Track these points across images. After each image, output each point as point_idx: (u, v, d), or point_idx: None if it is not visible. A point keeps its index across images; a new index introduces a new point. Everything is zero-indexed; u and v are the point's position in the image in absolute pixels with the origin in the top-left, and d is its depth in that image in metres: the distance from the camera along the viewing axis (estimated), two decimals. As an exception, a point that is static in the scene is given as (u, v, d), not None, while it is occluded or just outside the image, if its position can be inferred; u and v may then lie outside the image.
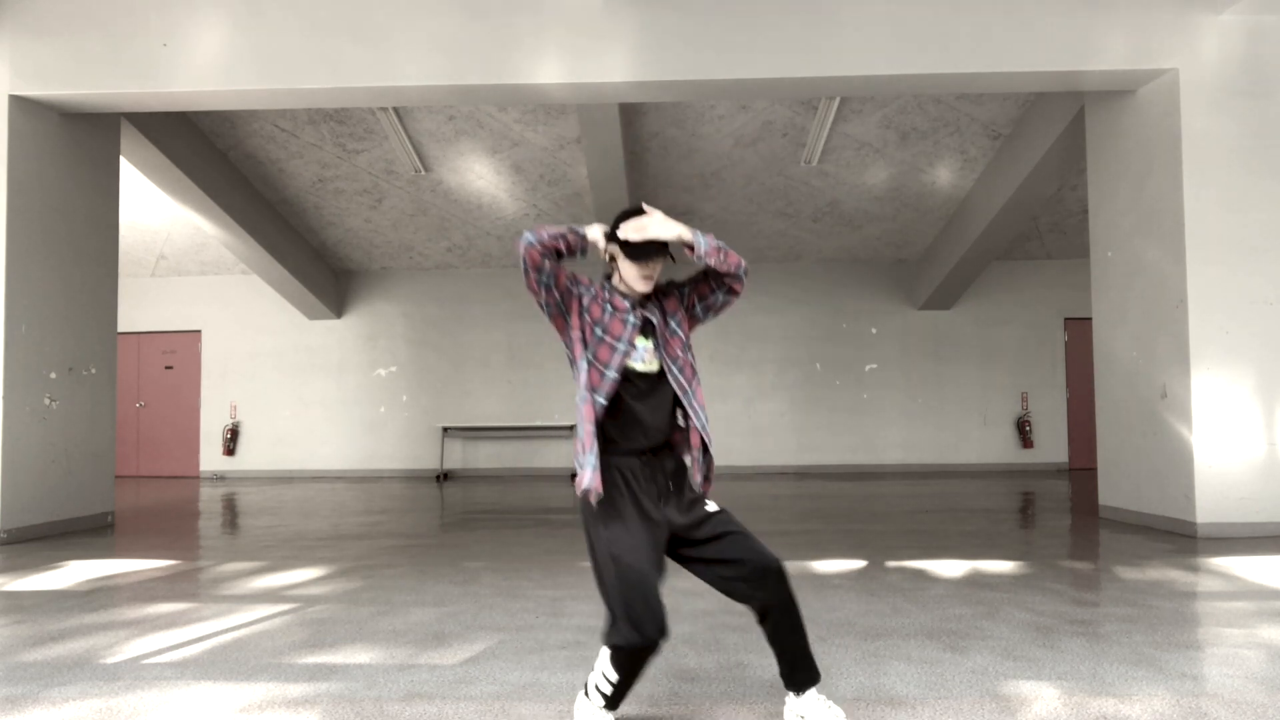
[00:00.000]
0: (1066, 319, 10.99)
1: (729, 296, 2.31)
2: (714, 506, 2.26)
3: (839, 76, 5.73)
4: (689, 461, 2.30)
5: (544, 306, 2.20)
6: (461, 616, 3.56)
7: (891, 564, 4.63)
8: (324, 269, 11.00)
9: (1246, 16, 5.68)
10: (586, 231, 2.19)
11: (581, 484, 2.11)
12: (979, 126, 8.21)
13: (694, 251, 2.18)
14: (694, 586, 4.11)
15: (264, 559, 5.01)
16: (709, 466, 2.27)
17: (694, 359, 2.31)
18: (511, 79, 5.76)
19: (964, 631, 3.23)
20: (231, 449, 11.23)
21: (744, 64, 5.70)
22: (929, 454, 10.88)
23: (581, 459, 2.13)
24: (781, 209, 9.77)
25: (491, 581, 4.28)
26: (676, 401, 2.26)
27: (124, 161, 8.03)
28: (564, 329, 2.24)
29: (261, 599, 3.94)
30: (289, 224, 10.13)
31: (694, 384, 2.26)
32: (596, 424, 2.15)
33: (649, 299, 2.29)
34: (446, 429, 11.00)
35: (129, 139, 7.40)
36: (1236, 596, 3.81)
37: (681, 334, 2.29)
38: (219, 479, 11.05)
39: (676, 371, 2.23)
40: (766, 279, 11.11)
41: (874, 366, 11.01)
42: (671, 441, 2.28)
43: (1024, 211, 8.68)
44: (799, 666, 2.22)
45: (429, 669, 2.84)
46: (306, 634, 3.31)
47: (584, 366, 2.17)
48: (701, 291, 2.32)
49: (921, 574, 4.35)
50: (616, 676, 2.14)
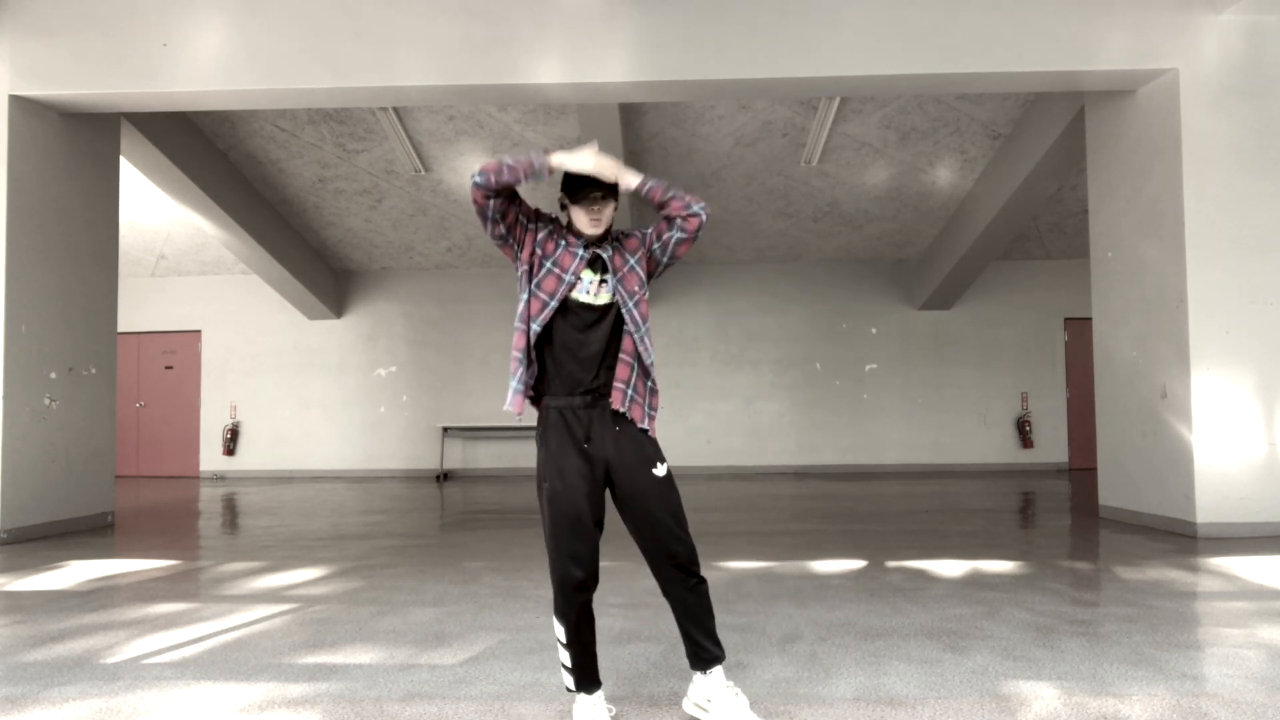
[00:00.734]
0: (1066, 319, 10.99)
1: (683, 235, 2.34)
2: (661, 471, 2.28)
3: (839, 76, 5.73)
4: (626, 402, 2.27)
5: (492, 237, 2.27)
6: (461, 616, 3.56)
7: (891, 564, 4.63)
8: (324, 269, 11.00)
9: (1246, 16, 5.68)
10: (548, 159, 2.19)
11: (504, 405, 2.32)
12: (979, 126, 8.21)
13: (640, 191, 2.25)
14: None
15: (264, 559, 5.01)
16: (653, 402, 2.33)
17: (647, 299, 2.36)
18: (511, 79, 5.76)
19: (964, 631, 3.23)
20: (231, 449, 11.23)
21: (744, 64, 5.70)
22: (929, 454, 10.88)
23: (510, 384, 2.28)
24: (781, 209, 9.77)
25: (491, 581, 4.28)
26: (614, 342, 2.29)
27: (124, 161, 8.03)
28: (513, 260, 2.31)
29: (261, 599, 3.94)
30: (289, 224, 10.13)
31: (637, 311, 2.30)
32: (527, 353, 2.24)
33: (605, 241, 2.33)
34: (446, 429, 11.00)
35: (129, 139, 7.40)
36: (1236, 596, 3.81)
37: (640, 271, 2.34)
38: (219, 479, 11.05)
39: (632, 305, 2.28)
40: (766, 279, 11.11)
41: (874, 366, 11.01)
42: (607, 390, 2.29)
43: (1024, 211, 8.68)
44: (703, 644, 2.28)
45: (429, 669, 2.84)
46: (306, 634, 3.31)
47: (524, 298, 2.26)
48: (659, 230, 2.37)
49: (921, 574, 4.35)
50: (563, 635, 2.22)
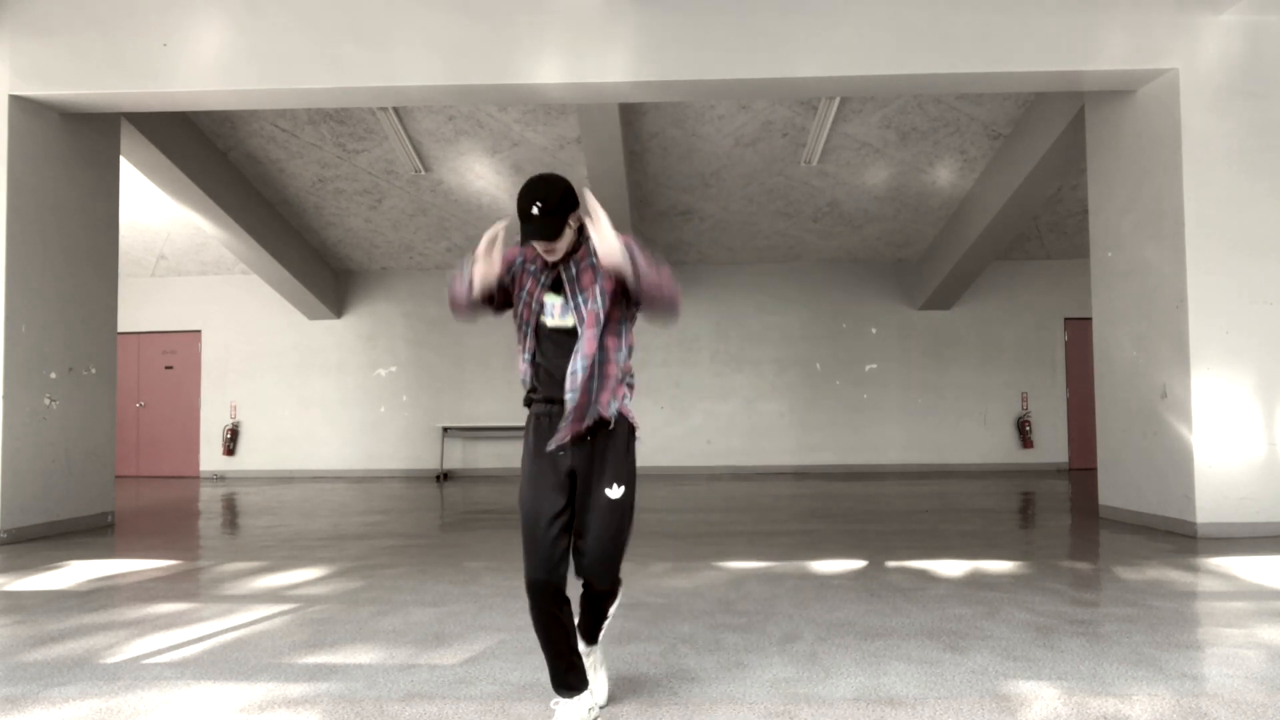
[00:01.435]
0: (1066, 319, 10.99)
1: (638, 309, 2.29)
2: (616, 494, 2.24)
3: (839, 76, 5.73)
4: (586, 415, 2.24)
5: (499, 311, 2.38)
6: (461, 616, 3.56)
7: (891, 564, 4.63)
8: (324, 269, 11.00)
9: (1246, 16, 5.68)
10: (474, 273, 2.23)
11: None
12: (979, 126, 8.21)
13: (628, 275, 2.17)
14: (694, 586, 4.12)
15: (264, 559, 5.01)
16: (617, 391, 2.26)
17: (606, 310, 2.23)
18: (511, 79, 5.76)
19: (964, 631, 3.23)
20: (231, 449, 11.23)
21: (744, 64, 5.70)
22: (929, 454, 10.88)
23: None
24: (781, 209, 9.77)
25: (491, 581, 4.28)
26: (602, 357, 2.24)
27: (124, 161, 8.02)
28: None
29: (261, 599, 3.94)
30: (289, 224, 10.12)
31: (596, 331, 2.20)
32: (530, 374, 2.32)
33: (571, 258, 2.27)
34: (446, 429, 11.00)
35: (129, 139, 7.40)
36: (1236, 596, 3.81)
37: (607, 285, 2.23)
38: (219, 479, 11.05)
39: (589, 318, 2.20)
40: (766, 279, 11.11)
41: (874, 366, 11.01)
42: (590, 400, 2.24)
43: (1024, 211, 8.68)
44: (585, 626, 2.46)
45: (429, 669, 2.84)
46: (306, 634, 3.31)
47: (516, 334, 2.34)
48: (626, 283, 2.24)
49: (921, 574, 4.35)
50: (536, 635, 2.27)
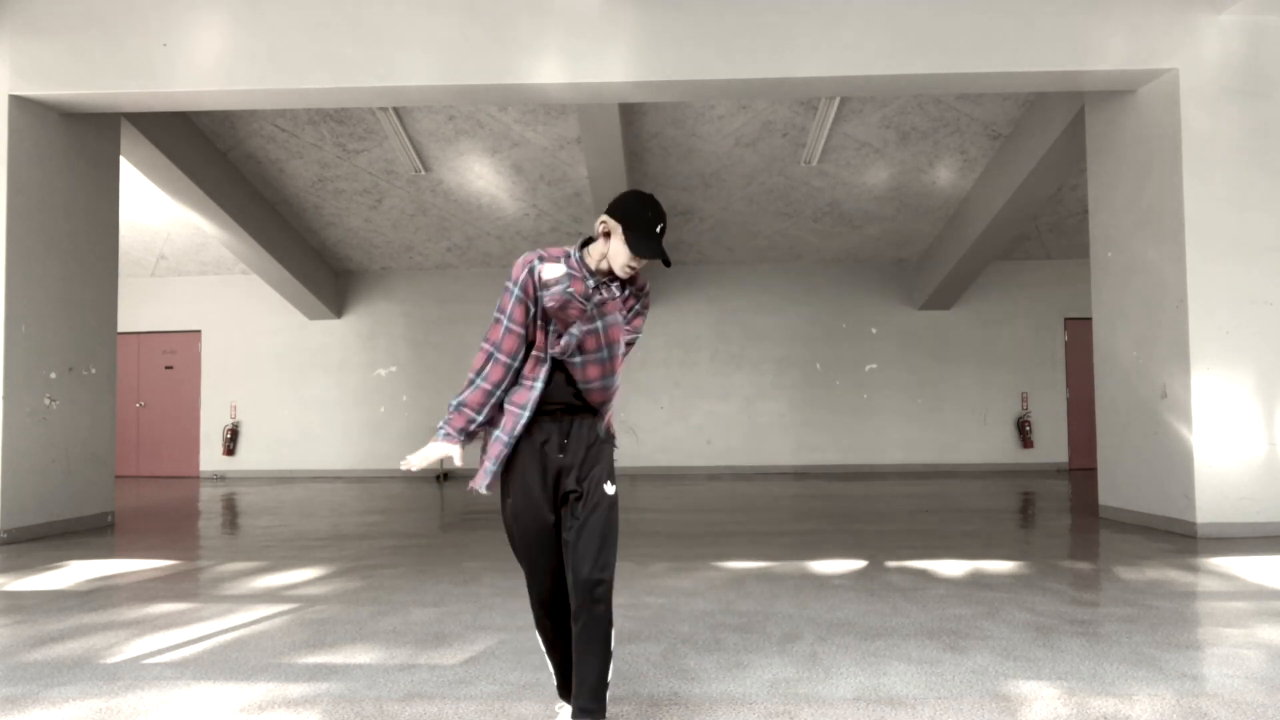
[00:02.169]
0: (1066, 319, 10.99)
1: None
2: (610, 489, 2.17)
3: (839, 76, 5.73)
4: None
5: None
6: (461, 616, 3.56)
7: (891, 564, 4.63)
8: (324, 269, 11.00)
9: (1246, 16, 5.68)
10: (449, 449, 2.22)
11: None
12: (979, 126, 8.21)
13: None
14: (694, 586, 4.12)
15: (264, 559, 5.01)
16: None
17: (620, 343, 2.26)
18: (511, 79, 5.76)
19: (964, 631, 3.23)
20: (231, 449, 11.23)
21: (744, 64, 5.70)
22: (929, 454, 10.88)
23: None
24: (781, 209, 9.77)
25: (491, 581, 4.28)
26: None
27: (124, 161, 8.02)
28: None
29: (261, 599, 3.94)
30: (289, 224, 10.12)
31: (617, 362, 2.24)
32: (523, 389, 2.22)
33: (608, 282, 2.19)
34: (446, 429, 10.98)
35: (129, 139, 7.40)
36: (1236, 596, 3.81)
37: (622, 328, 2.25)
38: (219, 479, 11.05)
39: (611, 354, 2.21)
40: (766, 279, 11.11)
41: (874, 366, 11.01)
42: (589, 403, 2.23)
43: (1024, 211, 8.68)
44: (579, 693, 2.06)
45: (429, 669, 2.84)
46: (306, 634, 3.31)
47: (522, 353, 2.20)
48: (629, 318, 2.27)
49: (921, 574, 4.35)
50: (540, 640, 2.26)
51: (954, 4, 5.66)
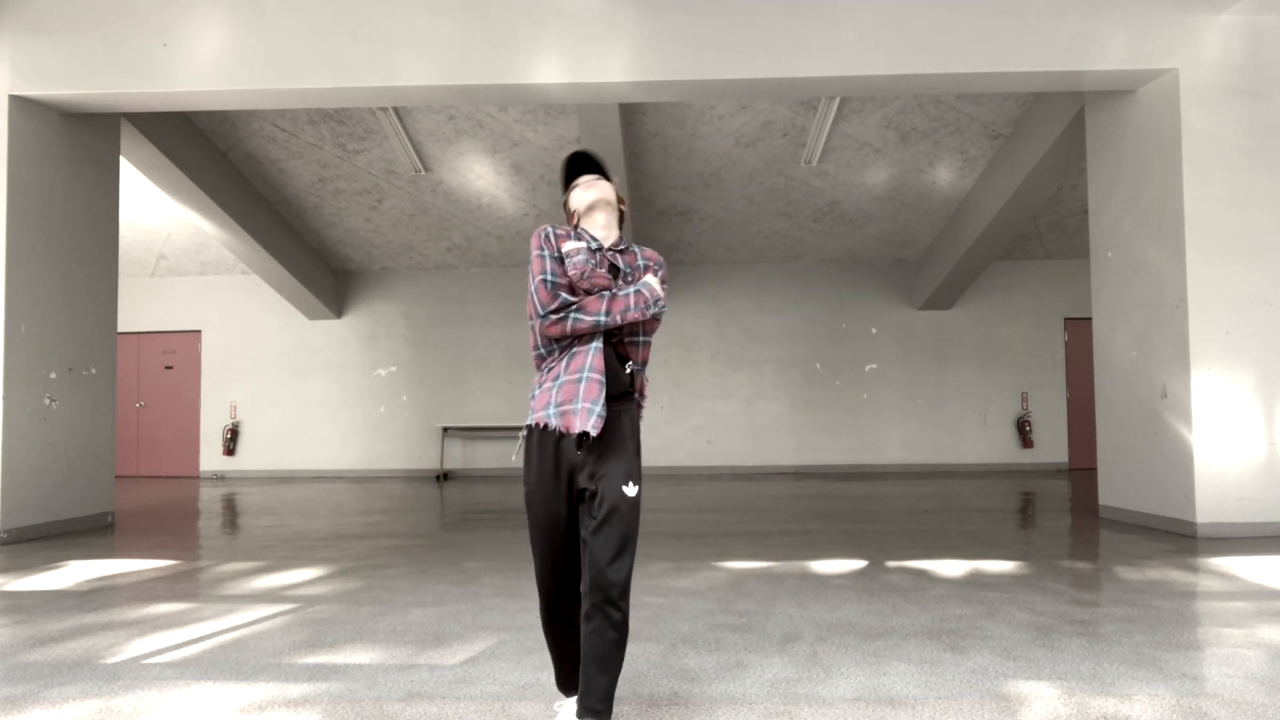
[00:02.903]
0: (1066, 319, 10.99)
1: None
2: (631, 490, 2.12)
3: (839, 76, 5.73)
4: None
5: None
6: (461, 616, 3.56)
7: (891, 564, 4.63)
8: (324, 269, 11.00)
9: (1246, 16, 5.68)
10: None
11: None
12: (979, 126, 8.21)
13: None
14: (694, 586, 4.12)
15: (264, 559, 5.01)
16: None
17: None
18: (511, 79, 5.76)
19: (964, 631, 3.23)
20: (231, 449, 11.23)
21: (744, 64, 5.71)
22: (929, 454, 10.88)
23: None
24: (781, 209, 9.77)
25: (491, 581, 4.28)
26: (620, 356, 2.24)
27: (124, 161, 8.03)
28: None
29: (261, 599, 3.94)
30: (289, 224, 10.13)
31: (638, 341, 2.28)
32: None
33: (616, 246, 2.26)
34: (446, 429, 11.00)
35: (129, 139, 7.40)
36: (1236, 596, 3.81)
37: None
38: (219, 479, 11.05)
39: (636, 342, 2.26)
40: (766, 279, 11.11)
41: (874, 366, 11.01)
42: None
43: (1024, 211, 8.68)
44: (588, 692, 2.01)
45: (429, 669, 2.84)
46: (306, 634, 3.31)
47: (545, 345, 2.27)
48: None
49: (921, 574, 4.35)
50: (546, 639, 2.27)
51: (954, 4, 5.66)
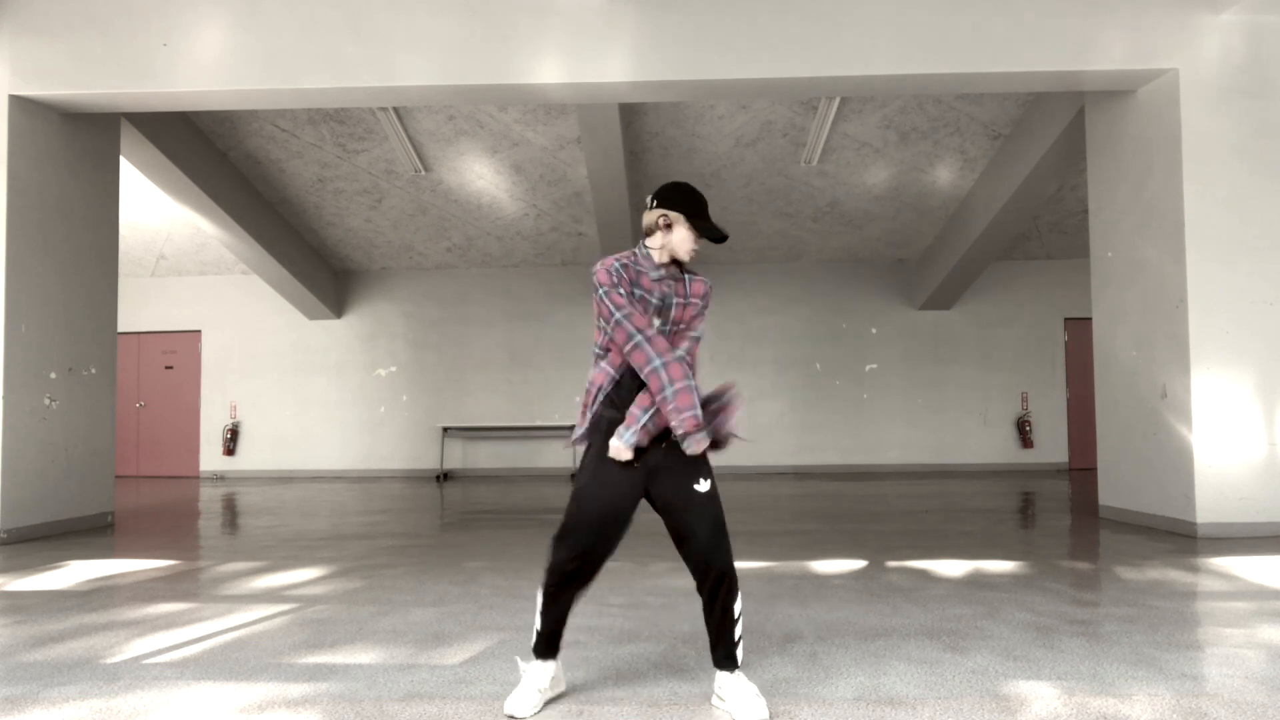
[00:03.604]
0: (1066, 319, 10.99)
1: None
2: (704, 486, 2.37)
3: (839, 76, 5.73)
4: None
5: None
6: (461, 616, 3.56)
7: (891, 564, 4.63)
8: (324, 269, 11.00)
9: (1246, 16, 5.68)
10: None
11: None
12: (979, 126, 8.21)
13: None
14: (693, 586, 4.11)
15: (264, 559, 5.01)
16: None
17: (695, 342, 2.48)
18: (511, 79, 5.76)
19: (964, 631, 3.23)
20: (231, 449, 11.23)
21: (744, 64, 5.70)
22: (929, 454, 10.88)
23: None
24: (781, 209, 9.77)
25: (491, 581, 4.28)
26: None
27: (124, 161, 8.02)
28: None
29: (261, 599, 3.94)
30: (289, 224, 10.13)
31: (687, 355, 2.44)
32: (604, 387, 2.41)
33: (671, 272, 2.43)
34: (446, 429, 11.00)
35: (129, 139, 7.40)
36: (1236, 596, 3.81)
37: (697, 322, 2.49)
38: (219, 479, 11.05)
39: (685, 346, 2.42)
40: (766, 279, 11.12)
41: (874, 366, 11.01)
42: None
43: (1024, 211, 8.68)
44: (718, 646, 2.38)
45: (429, 669, 2.84)
46: (306, 634, 3.31)
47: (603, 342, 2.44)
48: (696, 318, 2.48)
49: (921, 574, 4.35)
50: (541, 602, 2.41)
51: (954, 4, 5.66)
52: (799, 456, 10.94)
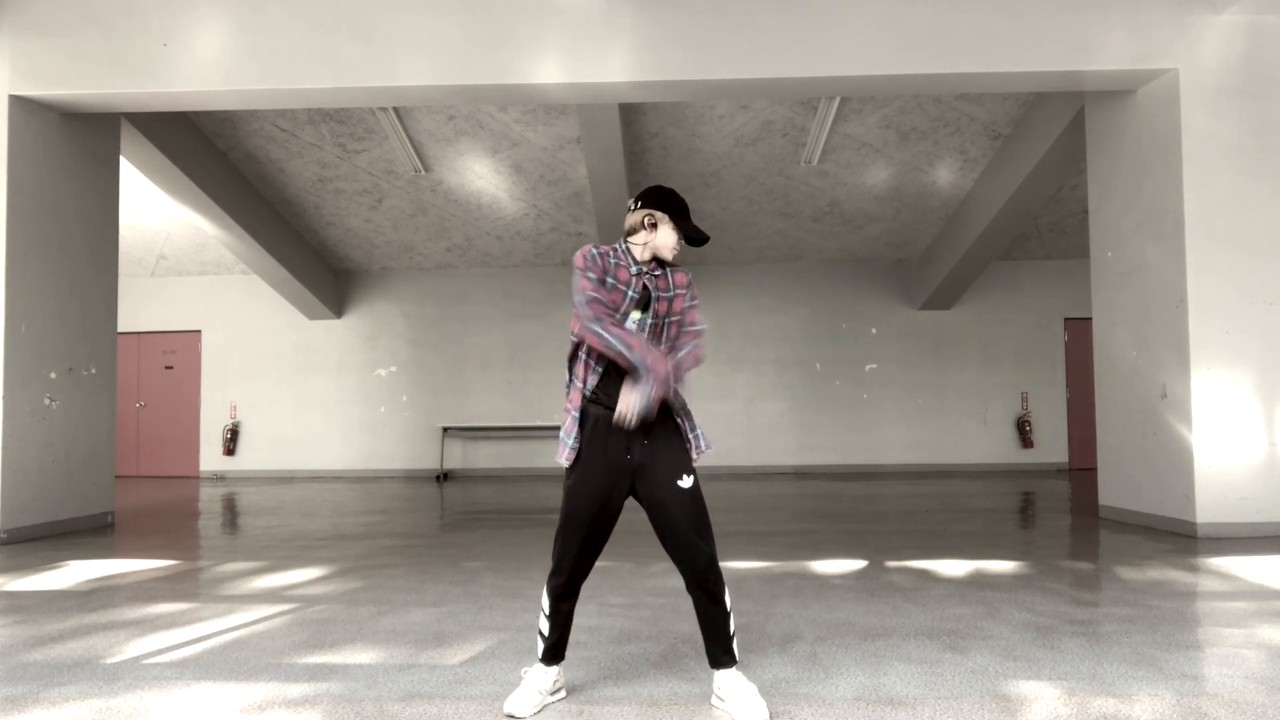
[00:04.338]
0: (1066, 319, 10.99)
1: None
2: (686, 483, 2.42)
3: (839, 76, 5.73)
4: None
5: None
6: (461, 616, 3.56)
7: (891, 564, 4.63)
8: (324, 269, 11.00)
9: (1246, 16, 5.68)
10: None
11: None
12: (979, 126, 8.21)
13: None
14: (694, 586, 4.11)
15: (264, 559, 5.01)
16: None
17: (681, 325, 2.52)
18: (511, 79, 5.76)
19: (964, 631, 3.23)
20: (231, 449, 11.23)
21: (744, 64, 5.70)
22: (929, 454, 10.89)
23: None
24: (781, 209, 9.77)
25: (491, 581, 4.28)
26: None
27: (124, 161, 8.03)
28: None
29: (261, 599, 3.94)
30: (289, 224, 10.13)
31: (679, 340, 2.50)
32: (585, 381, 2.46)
33: (652, 269, 2.48)
34: (446, 429, 11.00)
35: (129, 139, 7.40)
36: (1236, 596, 3.81)
37: (683, 314, 2.52)
38: (219, 479, 11.05)
39: (666, 337, 2.48)
40: (766, 279, 11.12)
41: (874, 366, 11.01)
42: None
43: (1024, 211, 8.68)
44: (714, 642, 2.42)
45: (429, 669, 2.84)
46: (306, 634, 3.31)
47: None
48: (686, 316, 2.53)
49: (921, 574, 4.35)
50: (547, 607, 2.47)
51: (954, 4, 5.66)
52: (799, 456, 10.94)
